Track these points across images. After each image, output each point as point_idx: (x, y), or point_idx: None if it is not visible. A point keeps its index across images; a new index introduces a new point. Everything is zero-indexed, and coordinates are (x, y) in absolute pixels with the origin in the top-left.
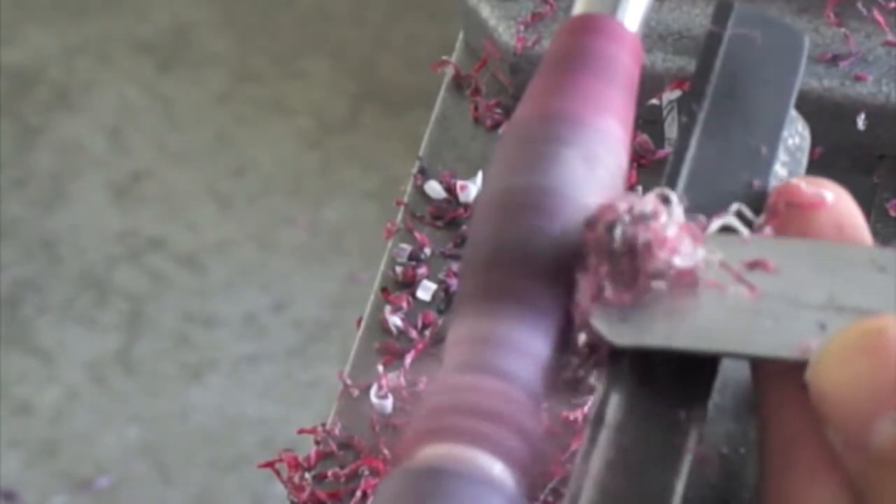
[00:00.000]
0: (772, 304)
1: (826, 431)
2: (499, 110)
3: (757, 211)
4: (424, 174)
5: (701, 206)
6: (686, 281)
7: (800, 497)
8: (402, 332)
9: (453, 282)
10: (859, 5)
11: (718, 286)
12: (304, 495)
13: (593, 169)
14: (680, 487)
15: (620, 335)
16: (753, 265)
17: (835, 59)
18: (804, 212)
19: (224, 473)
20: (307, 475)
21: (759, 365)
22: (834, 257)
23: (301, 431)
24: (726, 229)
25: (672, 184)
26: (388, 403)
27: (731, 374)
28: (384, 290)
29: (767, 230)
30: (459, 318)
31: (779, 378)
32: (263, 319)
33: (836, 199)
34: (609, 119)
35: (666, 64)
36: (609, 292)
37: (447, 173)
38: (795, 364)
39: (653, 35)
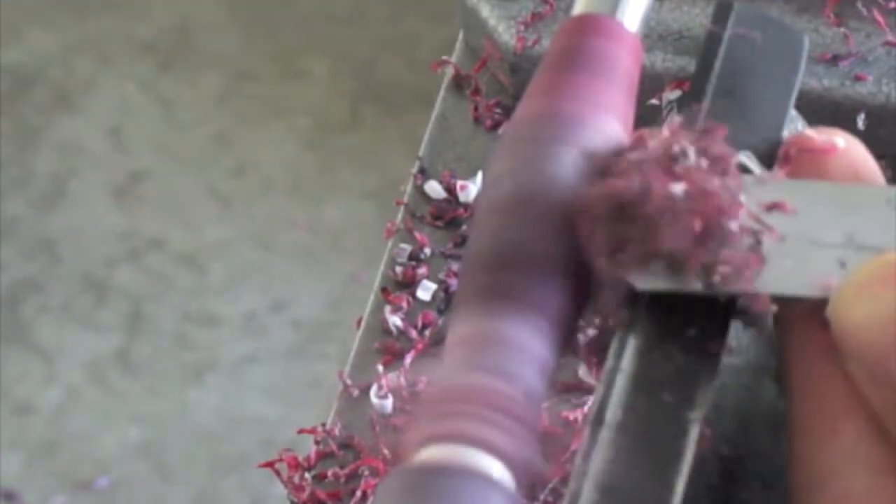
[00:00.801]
0: (792, 245)
1: (849, 367)
2: (499, 110)
3: None
4: (424, 174)
5: None
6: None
7: (827, 437)
8: (402, 332)
9: (453, 282)
10: (859, 5)
11: (744, 230)
12: (304, 495)
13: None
14: (680, 487)
15: (643, 280)
16: (772, 207)
17: (835, 59)
18: (818, 158)
19: (224, 473)
20: (307, 475)
21: (782, 310)
22: (851, 197)
23: (301, 431)
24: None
25: None
26: (388, 403)
27: (731, 378)
28: (384, 289)
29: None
30: (459, 317)
31: (802, 321)
32: (263, 319)
33: (848, 146)
34: (609, 119)
35: (666, 64)
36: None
37: (447, 173)
38: (817, 305)
39: (653, 35)
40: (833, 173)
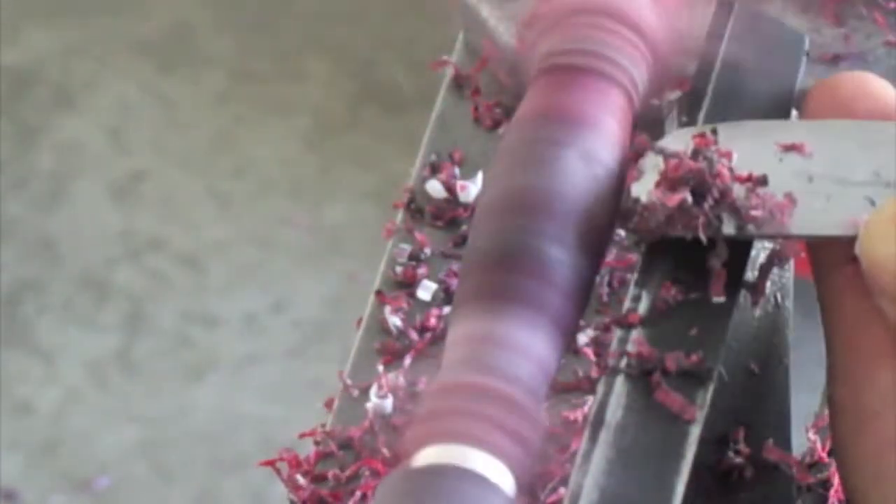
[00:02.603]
0: (820, 185)
1: (881, 304)
2: (499, 110)
3: None
4: (434, 170)
5: None
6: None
7: (865, 382)
8: (401, 333)
9: (453, 281)
10: (859, 5)
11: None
12: (305, 494)
13: (593, 169)
14: (680, 487)
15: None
16: (789, 148)
17: (835, 59)
18: (846, 100)
19: (224, 473)
20: (303, 479)
21: (817, 255)
22: (876, 135)
23: (302, 436)
24: None
25: None
26: (388, 403)
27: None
28: (378, 293)
29: None
30: (459, 317)
31: (837, 266)
32: (263, 319)
33: (876, 86)
34: (609, 119)
35: None
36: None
37: (447, 173)
38: (849, 246)
39: None
40: (861, 114)
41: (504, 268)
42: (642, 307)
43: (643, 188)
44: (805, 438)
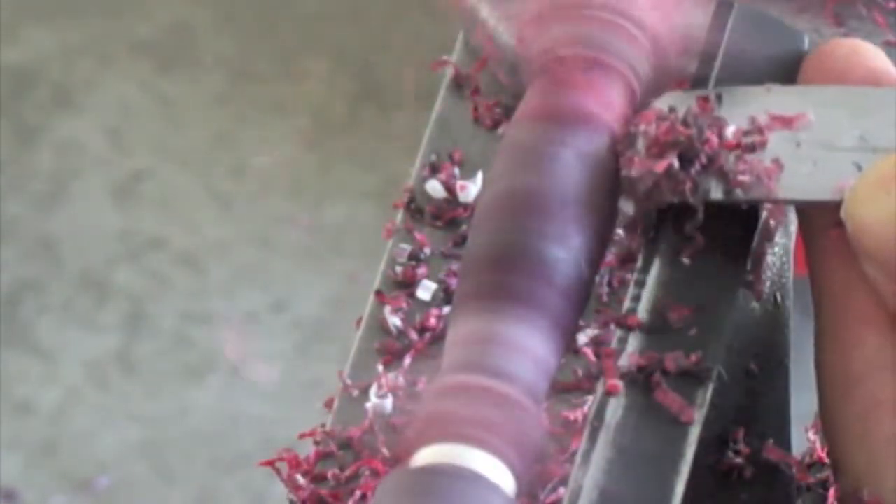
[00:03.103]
0: (807, 150)
1: (866, 268)
2: (499, 110)
3: None
4: (434, 170)
5: None
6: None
7: (851, 346)
8: (401, 333)
9: (453, 281)
10: (859, 5)
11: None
12: (305, 494)
13: (593, 169)
14: (680, 487)
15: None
16: (777, 118)
17: None
18: (839, 67)
19: (224, 473)
20: (303, 479)
21: (806, 221)
22: (864, 100)
23: (302, 436)
24: None
25: None
26: (388, 403)
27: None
28: (378, 293)
29: None
30: (459, 318)
31: (825, 231)
32: (263, 319)
33: (869, 53)
34: (609, 117)
35: None
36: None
37: (447, 173)
38: (838, 214)
39: None
40: (855, 81)
41: (504, 268)
42: (643, 307)
43: (634, 154)
44: (805, 438)
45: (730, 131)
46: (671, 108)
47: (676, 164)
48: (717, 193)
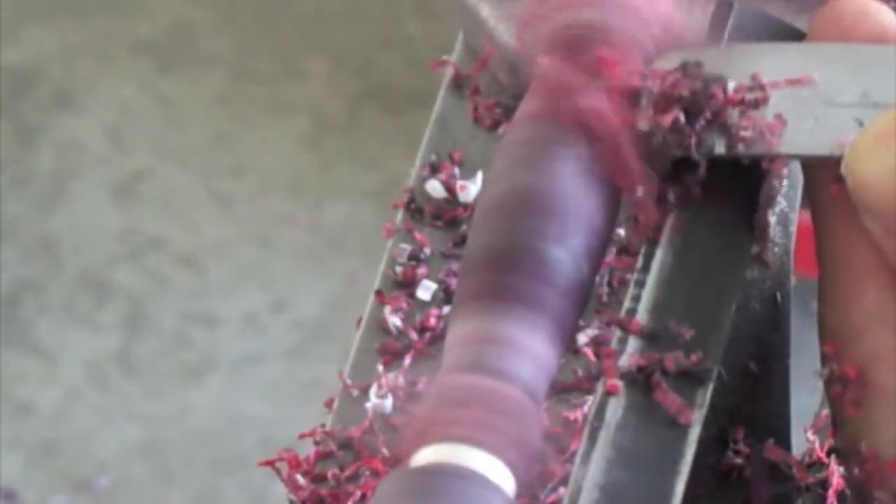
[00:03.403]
0: (809, 106)
1: (866, 223)
2: (499, 110)
3: None
4: (434, 170)
5: None
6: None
7: (852, 300)
8: (401, 332)
9: (453, 281)
10: None
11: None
12: (304, 494)
13: (593, 169)
14: (680, 487)
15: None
16: (780, 77)
17: None
18: (845, 25)
19: (224, 473)
20: (303, 479)
21: (810, 177)
22: (865, 57)
23: (302, 436)
24: None
25: None
26: (388, 403)
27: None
28: (378, 293)
29: None
30: (459, 318)
31: (826, 186)
32: (263, 319)
33: (875, 11)
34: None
35: None
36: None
37: (447, 173)
38: (839, 170)
39: None
40: (861, 39)
41: (504, 268)
42: (643, 307)
43: (643, 115)
44: (805, 438)
45: (732, 87)
46: (678, 65)
47: (682, 118)
48: (720, 148)
